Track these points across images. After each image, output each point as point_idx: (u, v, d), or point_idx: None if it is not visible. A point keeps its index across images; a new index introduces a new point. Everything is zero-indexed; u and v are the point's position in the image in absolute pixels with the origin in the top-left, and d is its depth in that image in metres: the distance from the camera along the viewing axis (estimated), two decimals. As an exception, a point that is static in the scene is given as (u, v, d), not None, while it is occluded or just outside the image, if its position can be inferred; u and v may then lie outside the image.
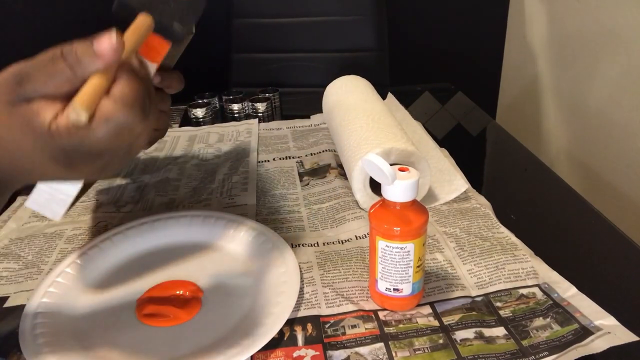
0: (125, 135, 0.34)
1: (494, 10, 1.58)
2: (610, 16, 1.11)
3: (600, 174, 1.19)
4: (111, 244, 0.54)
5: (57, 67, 0.33)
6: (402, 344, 0.42)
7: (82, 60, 0.33)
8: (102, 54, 0.33)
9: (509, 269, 0.49)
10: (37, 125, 0.32)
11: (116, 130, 0.33)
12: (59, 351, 0.41)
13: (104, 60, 0.33)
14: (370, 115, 0.66)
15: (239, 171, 0.72)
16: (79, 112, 0.32)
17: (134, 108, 0.33)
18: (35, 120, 0.32)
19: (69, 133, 0.32)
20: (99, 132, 0.32)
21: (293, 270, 0.48)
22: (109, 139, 0.33)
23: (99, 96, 0.33)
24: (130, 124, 0.33)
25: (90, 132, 0.32)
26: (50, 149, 0.33)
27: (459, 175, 0.64)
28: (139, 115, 0.34)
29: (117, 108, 0.33)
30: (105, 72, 0.33)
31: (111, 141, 0.33)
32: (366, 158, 0.41)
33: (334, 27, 1.24)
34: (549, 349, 0.40)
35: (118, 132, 0.33)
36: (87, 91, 0.32)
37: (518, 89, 1.58)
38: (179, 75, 0.53)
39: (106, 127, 0.32)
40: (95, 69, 0.33)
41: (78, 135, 0.32)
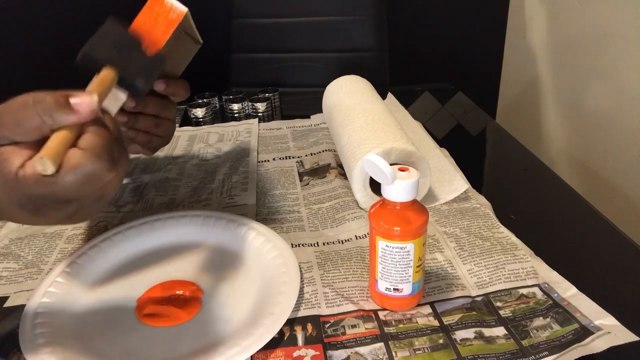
0: (93, 184, 0.34)
1: (494, 10, 1.58)
2: (610, 16, 1.11)
3: (600, 174, 1.19)
4: (111, 244, 0.54)
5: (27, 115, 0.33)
6: (402, 344, 0.42)
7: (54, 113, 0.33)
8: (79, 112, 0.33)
9: (509, 269, 0.49)
10: (5, 171, 0.32)
11: (84, 180, 0.33)
12: (59, 351, 0.41)
13: (79, 117, 0.33)
14: (370, 115, 0.66)
15: (239, 171, 0.72)
16: (46, 162, 0.32)
17: (102, 157, 0.33)
18: (4, 166, 0.32)
19: (35, 181, 0.32)
20: (66, 182, 0.32)
21: (293, 270, 0.48)
22: (77, 187, 0.33)
23: (66, 148, 0.33)
24: (98, 173, 0.33)
25: (58, 181, 0.32)
26: (17, 195, 0.33)
27: (459, 175, 0.64)
28: (107, 164, 0.34)
29: (85, 157, 0.33)
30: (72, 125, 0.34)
31: (79, 190, 0.33)
32: (366, 158, 0.41)
33: (334, 27, 1.24)
34: (549, 348, 0.40)
35: (86, 181, 0.33)
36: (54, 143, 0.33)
37: (518, 89, 1.58)
38: (184, 83, 0.54)
39: (74, 176, 0.32)
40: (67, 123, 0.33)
41: (46, 184, 0.32)
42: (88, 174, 0.33)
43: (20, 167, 0.32)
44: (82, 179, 0.33)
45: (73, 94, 0.34)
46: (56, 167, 0.32)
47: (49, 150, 0.32)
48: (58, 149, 0.32)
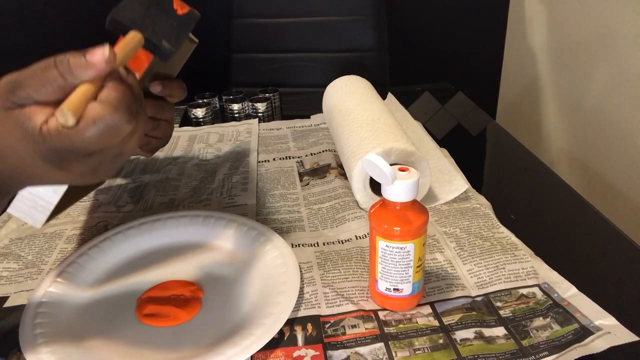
0: (113, 136, 0.35)
1: (494, 10, 1.58)
2: (610, 17, 1.11)
3: (600, 174, 1.19)
4: (111, 244, 0.54)
5: (50, 75, 0.34)
6: (402, 344, 0.42)
7: (74, 69, 0.35)
8: (94, 64, 0.35)
9: (509, 269, 0.49)
10: (29, 128, 0.34)
11: (104, 131, 0.34)
12: (58, 351, 0.41)
13: (95, 70, 0.35)
14: (370, 115, 0.66)
15: (239, 171, 0.72)
16: (67, 114, 0.33)
17: (121, 109, 0.35)
18: (28, 124, 0.34)
19: (58, 134, 0.34)
20: (87, 133, 0.34)
21: (293, 270, 0.48)
22: (98, 139, 0.34)
23: (87, 101, 0.35)
24: (117, 124, 0.35)
25: (80, 133, 0.34)
26: (42, 150, 0.34)
27: (459, 175, 0.64)
28: (125, 116, 0.35)
29: (104, 109, 0.34)
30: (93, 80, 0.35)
31: (100, 141, 0.35)
32: (366, 158, 0.41)
33: (334, 27, 1.24)
34: (549, 349, 0.40)
35: (106, 133, 0.35)
36: (75, 96, 0.34)
37: (518, 89, 1.58)
38: (180, 84, 0.55)
39: (94, 128, 0.34)
40: (86, 77, 0.35)
41: (67, 136, 0.34)
42: (107, 125, 0.34)
43: (44, 123, 0.34)
44: (101, 130, 0.34)
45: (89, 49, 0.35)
46: (76, 118, 0.34)
47: (69, 102, 0.34)
48: (78, 102, 0.34)
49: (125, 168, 0.74)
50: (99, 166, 0.37)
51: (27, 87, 0.34)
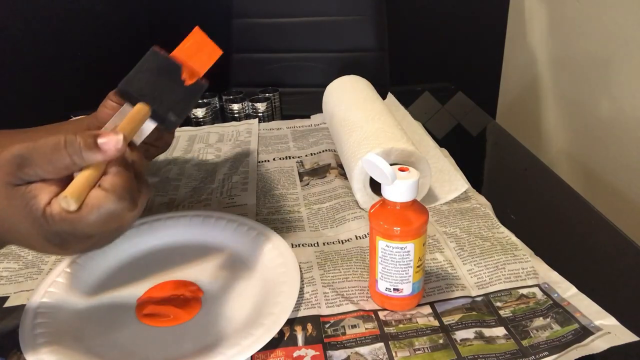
0: (114, 222, 0.36)
1: (494, 10, 1.58)
2: (610, 16, 1.11)
3: (600, 174, 1.19)
4: (111, 244, 0.54)
5: (59, 156, 0.35)
6: (402, 344, 0.42)
7: (84, 153, 0.35)
8: (104, 151, 0.35)
9: (509, 269, 0.49)
10: (34, 208, 0.34)
11: (106, 218, 0.35)
12: (59, 351, 0.41)
13: (105, 157, 0.36)
14: (370, 115, 0.66)
15: (239, 171, 0.72)
16: (69, 201, 0.34)
17: (124, 198, 0.36)
18: (32, 203, 0.35)
19: (61, 219, 0.34)
20: (89, 220, 0.35)
21: (293, 270, 0.48)
22: (99, 225, 0.35)
23: (89, 187, 0.35)
24: (119, 212, 0.36)
25: (82, 220, 0.35)
26: (44, 231, 0.35)
27: (459, 175, 0.64)
28: (128, 204, 0.36)
29: (107, 198, 0.35)
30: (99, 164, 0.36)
31: (101, 227, 0.36)
32: (366, 158, 0.41)
33: (334, 27, 1.24)
34: (549, 349, 0.40)
35: (107, 220, 0.35)
36: (78, 182, 0.35)
37: (518, 89, 1.58)
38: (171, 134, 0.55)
39: (97, 215, 0.35)
40: (94, 162, 0.36)
41: (70, 222, 0.35)
42: (110, 213, 0.35)
43: (47, 205, 0.35)
44: (104, 217, 0.35)
45: (101, 133, 0.36)
46: (78, 204, 0.34)
47: (72, 189, 0.35)
48: (81, 188, 0.35)
49: None
50: (96, 243, 0.38)
51: (34, 165, 0.35)
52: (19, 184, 0.35)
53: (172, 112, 0.43)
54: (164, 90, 0.43)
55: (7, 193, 0.35)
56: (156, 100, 0.42)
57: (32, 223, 0.35)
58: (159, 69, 0.44)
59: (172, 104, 0.43)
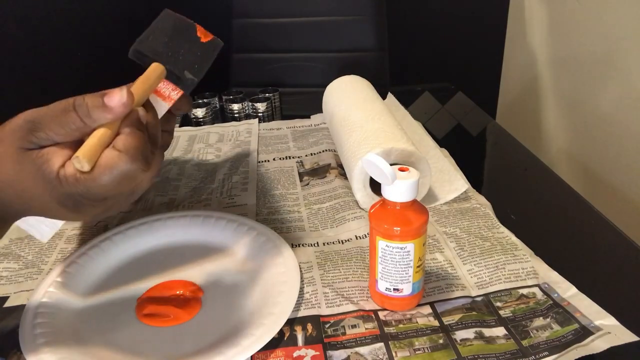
0: (127, 183, 0.36)
1: (494, 10, 1.58)
2: (610, 16, 1.11)
3: (600, 174, 1.19)
4: (111, 244, 0.54)
5: (69, 118, 0.35)
6: (402, 344, 0.42)
7: (92, 113, 0.35)
8: (111, 107, 0.35)
9: (509, 269, 0.49)
10: (47, 171, 0.35)
11: (119, 179, 0.35)
12: (59, 351, 0.41)
13: (113, 114, 0.35)
14: (370, 115, 0.66)
15: (239, 171, 0.72)
16: (82, 161, 0.34)
17: (137, 158, 0.35)
18: (45, 167, 0.35)
19: (75, 180, 0.34)
20: (103, 180, 0.35)
21: (293, 270, 0.48)
22: (113, 186, 0.35)
23: (102, 147, 0.35)
24: (133, 173, 0.36)
25: (95, 180, 0.35)
26: (58, 194, 0.35)
27: (459, 175, 0.64)
28: (141, 165, 0.36)
29: (120, 158, 0.35)
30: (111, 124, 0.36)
31: (115, 188, 0.35)
32: (366, 158, 0.41)
33: (334, 27, 1.24)
34: (549, 349, 0.40)
35: (121, 181, 0.35)
36: (90, 143, 0.35)
37: (518, 89, 1.58)
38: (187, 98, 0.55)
39: (110, 175, 0.35)
40: (104, 120, 0.36)
41: (84, 183, 0.34)
42: (123, 174, 0.35)
43: (61, 167, 0.35)
44: (117, 178, 0.35)
45: (107, 92, 0.36)
46: (91, 165, 0.34)
47: (84, 149, 0.34)
48: (93, 148, 0.35)
49: None
50: (112, 207, 0.38)
51: (46, 128, 0.35)
52: (32, 148, 0.35)
53: (188, 70, 0.42)
54: (179, 49, 0.42)
55: (20, 157, 0.35)
56: (171, 59, 0.41)
57: (45, 186, 0.35)
58: (173, 28, 0.43)
59: (187, 63, 0.42)
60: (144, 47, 0.42)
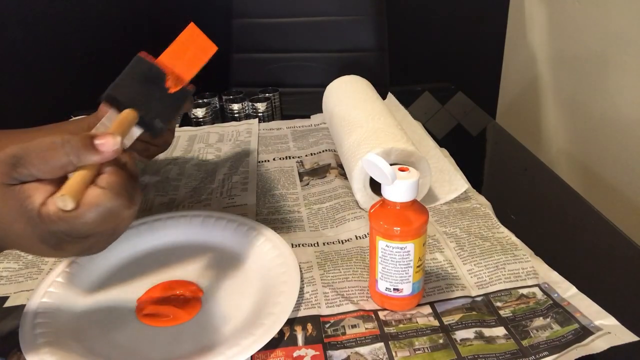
0: (112, 220, 0.36)
1: (494, 10, 1.58)
2: (610, 16, 1.11)
3: (600, 174, 1.19)
4: (110, 245, 0.54)
5: (55, 155, 0.35)
6: (402, 343, 0.42)
7: (81, 154, 0.35)
8: (102, 152, 0.35)
9: (509, 269, 0.49)
10: (29, 208, 0.34)
11: (104, 216, 0.35)
12: (59, 351, 0.41)
13: (102, 158, 0.35)
14: (370, 115, 0.66)
15: (239, 171, 0.72)
16: (66, 199, 0.34)
17: (121, 195, 0.35)
18: (27, 203, 0.34)
19: (58, 218, 0.34)
20: (87, 218, 0.34)
21: (293, 270, 0.48)
22: (97, 224, 0.35)
23: (86, 185, 0.35)
24: (117, 209, 0.35)
25: (79, 218, 0.34)
26: (40, 231, 0.34)
27: (459, 175, 0.64)
28: (126, 201, 0.36)
29: (105, 195, 0.35)
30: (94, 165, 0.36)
31: (98, 226, 0.35)
32: (366, 158, 0.41)
33: (334, 27, 1.24)
34: (549, 349, 0.40)
35: (105, 217, 0.35)
36: (74, 181, 0.35)
37: (518, 89, 1.58)
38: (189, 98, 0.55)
39: (95, 213, 0.34)
40: (91, 162, 0.35)
41: (66, 220, 0.34)
42: (107, 211, 0.35)
43: (43, 205, 0.34)
44: (102, 215, 0.35)
45: (97, 134, 0.36)
46: (75, 203, 0.34)
47: (69, 187, 0.34)
48: (77, 187, 0.34)
49: None
50: (93, 246, 0.38)
51: (29, 165, 0.34)
52: (14, 183, 0.35)
53: (159, 119, 0.43)
54: (150, 97, 0.43)
55: (3, 192, 0.35)
56: (142, 108, 0.42)
57: (26, 223, 0.34)
58: (144, 76, 0.44)
59: (158, 112, 0.43)
60: (117, 94, 0.43)
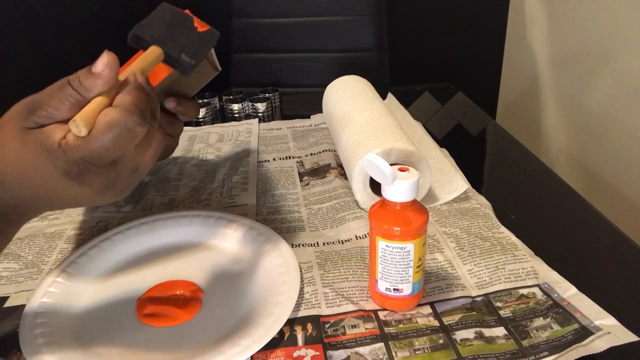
0: (128, 140, 0.36)
1: (494, 10, 1.58)
2: (611, 16, 1.11)
3: (600, 174, 1.19)
4: (111, 244, 0.54)
5: (65, 93, 0.36)
6: (402, 344, 0.42)
7: (85, 82, 0.36)
8: (98, 73, 0.36)
9: (509, 269, 0.49)
10: (49, 144, 0.36)
11: (118, 135, 0.36)
12: (59, 351, 0.41)
13: (103, 79, 0.37)
14: (370, 115, 0.66)
15: (239, 171, 0.72)
16: (79, 125, 0.35)
17: (134, 112, 0.36)
18: (48, 141, 0.36)
19: (76, 145, 0.35)
20: (104, 138, 0.35)
21: (293, 270, 0.48)
22: (113, 144, 0.36)
23: (99, 110, 0.36)
24: (130, 127, 0.36)
25: (96, 139, 0.35)
26: (62, 164, 0.36)
27: (459, 175, 0.64)
28: (139, 119, 0.36)
29: (117, 113, 0.36)
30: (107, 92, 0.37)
31: (116, 146, 0.36)
32: (366, 158, 0.41)
33: (334, 27, 1.24)
34: (549, 349, 0.40)
35: (120, 137, 0.36)
36: (87, 107, 0.36)
37: (518, 89, 1.58)
38: (195, 104, 0.58)
39: (109, 132, 0.35)
40: (98, 88, 0.37)
41: (85, 145, 0.35)
42: (121, 129, 0.36)
43: (62, 138, 0.36)
44: (116, 134, 0.36)
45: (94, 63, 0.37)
46: (88, 128, 0.35)
47: (81, 113, 0.35)
48: (89, 112, 0.36)
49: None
50: (117, 179, 0.38)
51: (46, 106, 0.36)
52: (34, 127, 0.36)
53: (185, 54, 0.43)
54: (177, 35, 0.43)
55: (23, 136, 0.36)
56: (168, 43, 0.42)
57: (48, 158, 0.35)
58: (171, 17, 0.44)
59: (185, 47, 0.43)
60: (142, 32, 0.43)
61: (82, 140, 0.35)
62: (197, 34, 0.45)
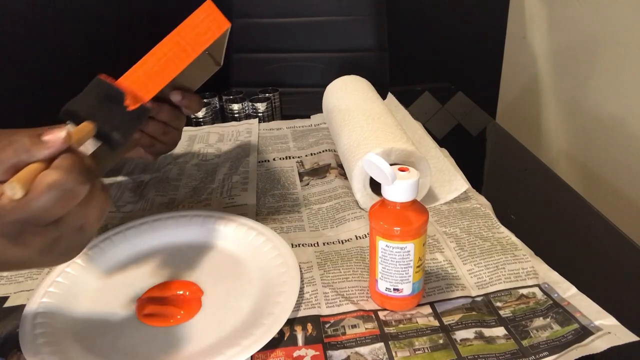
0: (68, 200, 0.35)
1: (494, 10, 1.58)
2: (610, 16, 1.11)
3: (600, 174, 1.19)
4: (111, 244, 0.54)
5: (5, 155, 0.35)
6: (402, 344, 0.42)
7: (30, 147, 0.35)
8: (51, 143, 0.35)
9: (509, 269, 0.49)
10: None
11: (58, 195, 0.34)
12: (59, 351, 0.41)
13: (51, 149, 0.35)
14: (370, 115, 0.66)
15: (239, 171, 0.72)
16: (15, 187, 0.33)
17: (74, 172, 0.35)
18: None
19: (11, 207, 0.33)
20: (39, 199, 0.33)
21: (293, 270, 0.48)
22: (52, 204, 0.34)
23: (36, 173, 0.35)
24: (71, 186, 0.34)
25: (31, 200, 0.33)
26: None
27: (459, 175, 0.64)
28: (79, 177, 0.35)
29: (57, 173, 0.34)
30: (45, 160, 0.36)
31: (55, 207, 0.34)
32: (366, 158, 0.41)
33: (334, 27, 1.24)
34: (549, 349, 0.40)
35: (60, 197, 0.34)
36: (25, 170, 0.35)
37: (518, 89, 1.58)
38: (198, 98, 0.58)
39: (46, 191, 0.33)
40: (42, 156, 0.35)
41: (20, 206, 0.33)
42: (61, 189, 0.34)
43: None
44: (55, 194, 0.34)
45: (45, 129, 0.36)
46: (25, 189, 0.34)
47: (17, 175, 0.34)
48: (26, 174, 0.34)
49: (126, 168, 0.74)
50: (60, 239, 0.36)
51: None
52: None
53: (116, 132, 0.44)
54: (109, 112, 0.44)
55: None
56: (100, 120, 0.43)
57: None
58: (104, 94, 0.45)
59: (116, 125, 0.44)
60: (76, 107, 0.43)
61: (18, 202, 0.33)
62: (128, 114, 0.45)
